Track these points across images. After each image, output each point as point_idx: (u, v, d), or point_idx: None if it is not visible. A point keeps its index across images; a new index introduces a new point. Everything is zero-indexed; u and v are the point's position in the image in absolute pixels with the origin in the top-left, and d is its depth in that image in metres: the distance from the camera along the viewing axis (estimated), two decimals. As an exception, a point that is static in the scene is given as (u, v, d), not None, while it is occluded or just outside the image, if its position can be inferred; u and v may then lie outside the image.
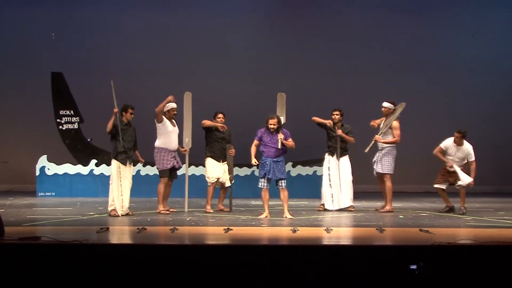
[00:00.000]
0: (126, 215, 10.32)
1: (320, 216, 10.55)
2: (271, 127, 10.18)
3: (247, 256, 6.71)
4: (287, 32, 16.08)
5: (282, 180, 10.20)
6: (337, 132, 11.34)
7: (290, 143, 10.28)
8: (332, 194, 11.37)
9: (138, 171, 13.90)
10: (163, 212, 10.70)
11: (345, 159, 11.48)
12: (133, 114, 10.50)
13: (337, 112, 11.43)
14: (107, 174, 12.95)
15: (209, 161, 11.20)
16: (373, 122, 11.51)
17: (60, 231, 8.18)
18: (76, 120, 14.57)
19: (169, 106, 10.92)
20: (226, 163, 11.19)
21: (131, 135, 10.52)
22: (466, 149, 10.91)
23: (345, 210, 11.27)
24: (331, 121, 11.39)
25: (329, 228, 8.44)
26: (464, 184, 10.91)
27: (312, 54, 15.95)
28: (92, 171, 14.26)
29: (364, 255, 6.72)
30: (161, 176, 10.97)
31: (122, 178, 10.35)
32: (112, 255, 6.71)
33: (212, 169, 11.16)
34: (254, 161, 10.33)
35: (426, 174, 14.80)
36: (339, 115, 11.43)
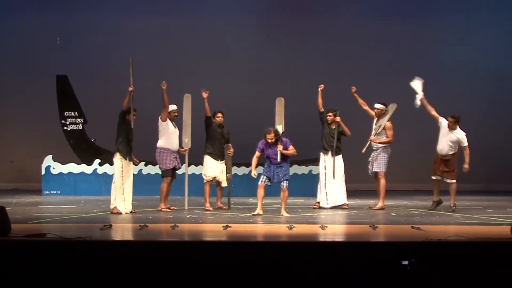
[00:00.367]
0: (129, 213, 10.33)
1: (315, 214, 10.56)
2: (269, 141, 10.13)
3: (245, 252, 6.72)
4: (287, 32, 15.97)
5: (286, 180, 10.20)
6: (336, 119, 11.34)
7: (291, 151, 10.21)
8: (326, 193, 11.39)
9: (140, 171, 13.91)
10: (164, 210, 10.71)
11: (338, 158, 11.50)
12: (135, 116, 10.50)
13: (330, 113, 11.45)
14: (110, 173, 12.97)
15: (207, 159, 11.20)
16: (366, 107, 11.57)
17: (64, 228, 8.22)
18: (80, 121, 14.56)
19: (170, 108, 10.92)
20: (224, 163, 11.21)
21: (132, 134, 10.50)
22: (459, 134, 10.85)
23: (339, 208, 11.28)
24: (321, 86, 11.47)
25: (324, 225, 8.47)
26: (418, 100, 10.97)
27: (311, 55, 15.90)
28: (95, 170, 14.24)
29: (357, 251, 6.72)
30: (164, 176, 10.95)
31: (125, 178, 10.35)
32: (115, 251, 6.72)
33: (210, 167, 11.17)
34: (254, 173, 10.25)
35: (418, 173, 14.87)
36: (332, 116, 11.44)
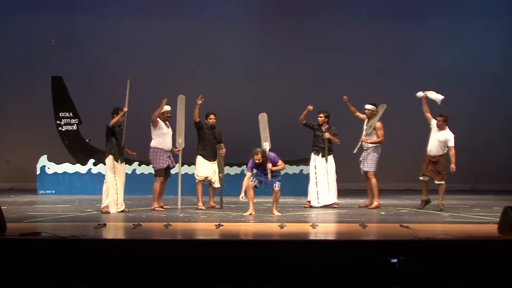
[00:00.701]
0: (122, 211, 10.27)
1: (306, 213, 10.53)
2: (257, 162, 10.07)
3: (237, 250, 6.69)
4: (280, 37, 15.99)
5: (278, 181, 10.19)
6: (324, 135, 11.31)
7: (280, 166, 10.21)
8: (317, 192, 11.36)
9: (134, 170, 13.86)
10: (157, 209, 10.65)
11: (330, 159, 11.47)
12: (124, 116, 10.37)
13: (321, 115, 11.43)
14: (104, 173, 12.87)
15: (199, 159, 11.20)
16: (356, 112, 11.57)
17: (59, 227, 8.17)
18: (75, 122, 14.51)
19: (163, 108, 10.88)
20: (216, 163, 11.19)
21: (122, 135, 10.43)
22: (447, 134, 10.83)
23: (329, 207, 11.25)
24: (311, 106, 11.28)
25: (315, 224, 8.46)
26: (438, 100, 11.19)
27: (304, 58, 15.91)
28: (90, 170, 14.17)
29: (348, 249, 6.71)
30: (156, 175, 10.90)
31: (117, 177, 10.29)
32: (109, 250, 6.68)
33: (202, 168, 11.16)
34: (242, 195, 9.99)
35: (406, 172, 14.86)
36: (323, 117, 11.42)
